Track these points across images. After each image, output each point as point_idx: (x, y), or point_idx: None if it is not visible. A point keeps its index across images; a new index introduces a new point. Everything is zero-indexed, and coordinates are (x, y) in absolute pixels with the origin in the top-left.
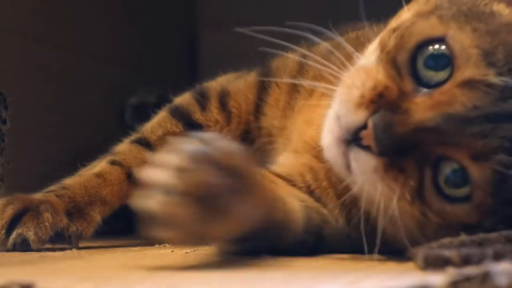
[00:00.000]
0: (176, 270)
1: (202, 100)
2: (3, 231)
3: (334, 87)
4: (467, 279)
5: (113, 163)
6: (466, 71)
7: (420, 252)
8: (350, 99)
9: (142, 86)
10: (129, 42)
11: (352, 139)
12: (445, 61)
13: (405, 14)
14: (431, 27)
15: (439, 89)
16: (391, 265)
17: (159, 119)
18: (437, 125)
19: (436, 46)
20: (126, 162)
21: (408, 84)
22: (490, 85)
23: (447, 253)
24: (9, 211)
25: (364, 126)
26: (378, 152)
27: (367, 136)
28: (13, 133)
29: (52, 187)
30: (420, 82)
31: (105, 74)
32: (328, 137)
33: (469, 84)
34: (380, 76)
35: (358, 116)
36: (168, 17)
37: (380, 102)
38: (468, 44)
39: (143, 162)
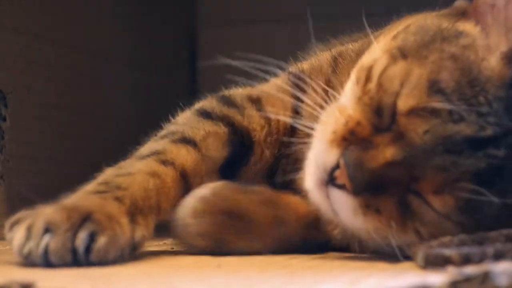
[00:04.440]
0: (176, 270)
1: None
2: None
3: (313, 125)
4: (467, 279)
5: (164, 162)
6: (410, 100)
7: (420, 251)
8: (323, 137)
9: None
10: (129, 40)
11: (329, 179)
12: None
13: (376, 51)
14: (404, 71)
15: (395, 121)
16: (391, 265)
17: (193, 122)
18: (403, 158)
19: None
20: (178, 162)
21: (386, 121)
22: (433, 110)
23: (447, 252)
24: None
25: (337, 165)
26: (353, 190)
27: (341, 175)
28: (13, 130)
29: (100, 186)
30: None
31: (105, 71)
32: (309, 181)
33: (413, 112)
34: (352, 112)
35: (331, 155)
36: (168, 14)
37: (351, 139)
38: (420, 76)
39: (195, 163)
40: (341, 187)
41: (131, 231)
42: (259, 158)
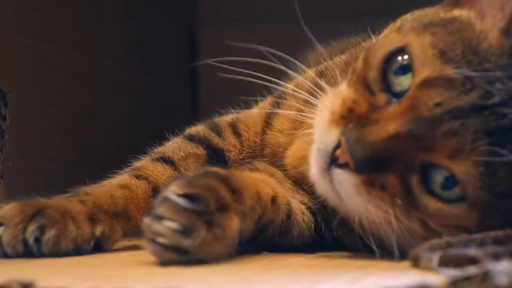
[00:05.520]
0: (176, 269)
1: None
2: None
3: (311, 115)
4: (467, 278)
5: (138, 177)
6: (424, 71)
7: (432, 253)
8: (322, 119)
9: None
10: (129, 39)
11: (332, 160)
12: (409, 68)
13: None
14: (390, 41)
15: (405, 95)
16: (391, 264)
17: (176, 144)
18: (408, 130)
19: (403, 56)
20: (152, 178)
21: (381, 99)
22: (448, 80)
23: (471, 252)
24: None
25: (339, 144)
26: (354, 166)
27: (342, 153)
28: (13, 129)
29: (71, 193)
30: (394, 94)
31: (105, 70)
32: (313, 170)
33: (428, 83)
34: (348, 93)
35: (332, 135)
36: (168, 13)
37: (349, 117)
38: (426, 46)
39: (170, 179)
40: (344, 166)
41: (90, 226)
42: None
